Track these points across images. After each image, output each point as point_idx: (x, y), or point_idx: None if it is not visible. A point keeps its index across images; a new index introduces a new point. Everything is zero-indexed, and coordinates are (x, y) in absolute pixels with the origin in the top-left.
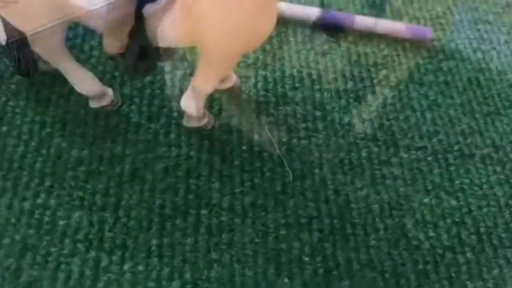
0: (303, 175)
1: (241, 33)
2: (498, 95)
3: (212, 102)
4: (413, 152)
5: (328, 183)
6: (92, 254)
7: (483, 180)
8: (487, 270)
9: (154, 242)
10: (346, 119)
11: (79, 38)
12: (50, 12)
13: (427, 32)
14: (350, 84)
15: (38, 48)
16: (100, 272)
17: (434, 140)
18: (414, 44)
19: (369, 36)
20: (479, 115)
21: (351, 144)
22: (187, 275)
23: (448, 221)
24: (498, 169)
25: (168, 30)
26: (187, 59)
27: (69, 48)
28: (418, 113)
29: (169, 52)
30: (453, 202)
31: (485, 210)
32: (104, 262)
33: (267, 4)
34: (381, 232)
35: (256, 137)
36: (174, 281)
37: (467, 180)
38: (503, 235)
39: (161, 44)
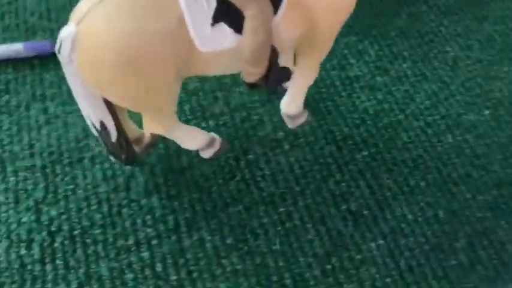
0: None
1: (344, 9)
2: None
3: None
4: (21, 173)
5: None
6: None
7: (88, 181)
8: (75, 271)
9: None
10: None
11: None
12: (175, 81)
13: (45, 45)
14: None
15: (151, 124)
16: None
17: (44, 154)
18: (46, 59)
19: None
20: None
21: None
22: None
23: (44, 233)
24: (106, 165)
25: (285, 32)
26: None
27: None
28: (34, 132)
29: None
30: (53, 213)
31: (85, 211)
32: None
33: None
34: None
35: None
36: None
37: (72, 186)
38: (97, 231)
39: (280, 49)
